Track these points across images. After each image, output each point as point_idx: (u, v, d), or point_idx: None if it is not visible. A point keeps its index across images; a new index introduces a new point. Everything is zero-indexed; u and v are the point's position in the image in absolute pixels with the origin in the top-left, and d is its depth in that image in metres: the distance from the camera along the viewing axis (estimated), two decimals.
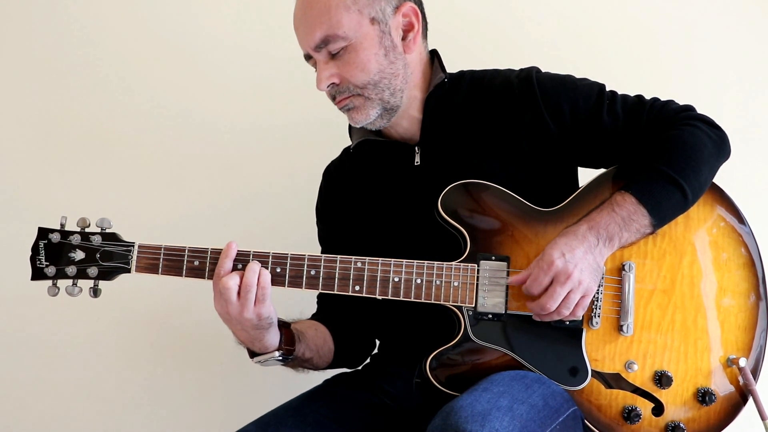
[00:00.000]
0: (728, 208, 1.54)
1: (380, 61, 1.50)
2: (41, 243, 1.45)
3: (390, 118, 1.56)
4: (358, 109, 1.53)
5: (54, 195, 2.15)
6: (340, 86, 1.51)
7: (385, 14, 1.50)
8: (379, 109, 1.53)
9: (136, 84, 2.18)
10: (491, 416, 1.26)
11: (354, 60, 1.49)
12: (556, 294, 1.40)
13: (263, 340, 1.46)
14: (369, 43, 1.49)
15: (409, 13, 1.53)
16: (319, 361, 1.62)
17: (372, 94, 1.51)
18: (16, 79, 2.20)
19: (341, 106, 1.54)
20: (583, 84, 1.55)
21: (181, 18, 2.18)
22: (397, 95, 1.54)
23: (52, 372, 2.17)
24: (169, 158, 2.17)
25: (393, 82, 1.52)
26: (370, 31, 1.49)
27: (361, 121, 1.54)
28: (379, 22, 1.50)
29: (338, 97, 1.53)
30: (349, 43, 1.48)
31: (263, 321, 1.43)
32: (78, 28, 2.19)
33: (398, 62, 1.53)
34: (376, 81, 1.51)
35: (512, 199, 1.50)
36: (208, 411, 2.18)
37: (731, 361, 1.50)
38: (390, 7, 1.51)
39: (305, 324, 1.62)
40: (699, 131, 1.48)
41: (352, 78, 1.50)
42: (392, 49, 1.52)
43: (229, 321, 1.44)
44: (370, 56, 1.49)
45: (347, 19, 1.47)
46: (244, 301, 1.40)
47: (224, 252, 1.43)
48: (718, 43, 2.06)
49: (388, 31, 1.51)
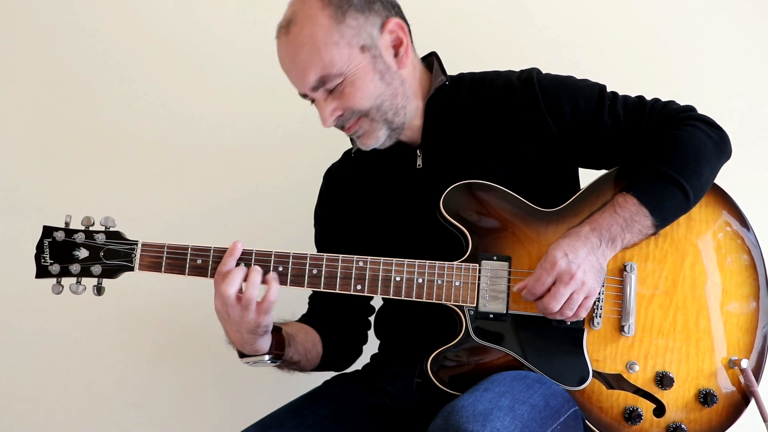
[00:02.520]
0: (730, 210, 1.53)
1: (378, 86, 1.49)
2: (46, 241, 1.46)
3: (397, 137, 1.56)
4: (367, 133, 1.52)
5: (58, 193, 2.16)
6: (344, 115, 1.51)
7: (373, 38, 1.49)
8: (386, 130, 1.53)
9: (140, 83, 2.18)
10: (492, 416, 1.26)
11: (352, 91, 1.48)
12: (559, 294, 1.39)
13: (255, 344, 1.46)
14: (363, 71, 1.48)
15: (395, 29, 1.51)
16: (306, 364, 1.62)
17: (377, 117, 1.51)
18: (19, 77, 2.21)
19: (351, 133, 1.54)
20: (584, 85, 1.55)
21: (183, 17, 2.18)
22: (401, 113, 1.54)
23: (56, 370, 2.17)
24: (173, 157, 2.18)
25: (394, 102, 1.52)
26: (362, 61, 1.48)
27: (371, 146, 1.54)
28: (370, 48, 1.48)
29: (346, 125, 1.52)
30: (344, 77, 1.47)
31: (261, 329, 1.43)
32: (80, 27, 2.19)
33: (395, 81, 1.52)
34: (378, 105, 1.50)
35: (514, 200, 1.51)
36: (209, 411, 2.18)
37: (733, 362, 1.49)
38: (376, 29, 1.49)
39: (295, 327, 1.62)
40: (700, 132, 1.48)
41: (355, 107, 1.49)
42: (387, 71, 1.51)
43: (226, 321, 1.45)
44: (367, 84, 1.48)
45: (338, 55, 1.45)
46: (246, 309, 1.41)
47: (229, 251, 1.44)
48: (719, 43, 2.05)
49: (379, 54, 1.50)
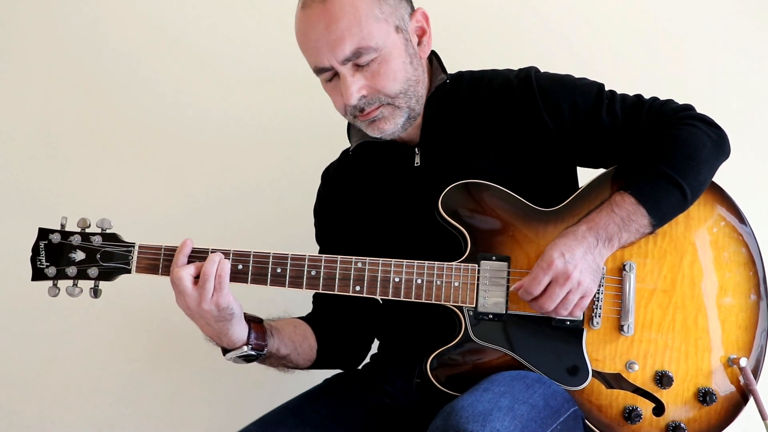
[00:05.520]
0: (729, 208, 1.54)
1: (407, 69, 1.49)
2: (42, 243, 1.45)
3: (411, 125, 1.55)
4: (386, 119, 1.50)
5: (54, 195, 2.15)
6: (368, 97, 1.48)
7: (405, 21, 1.50)
8: (406, 116, 1.52)
9: (137, 84, 2.17)
10: (492, 416, 1.26)
11: (385, 70, 1.46)
12: (554, 295, 1.40)
13: (229, 334, 1.45)
14: (398, 52, 1.48)
15: (421, 18, 1.53)
16: (299, 359, 1.60)
17: (402, 103, 1.50)
18: (16, 78, 2.19)
19: (369, 117, 1.50)
20: (582, 83, 1.55)
21: (182, 16, 2.18)
22: (420, 101, 1.54)
23: (52, 372, 2.17)
24: (170, 159, 2.17)
25: (417, 88, 1.52)
26: (397, 40, 1.48)
27: (389, 131, 1.51)
28: (403, 30, 1.49)
29: (367, 108, 1.49)
30: (379, 53, 1.46)
31: (223, 312, 1.41)
32: (79, 27, 2.18)
33: (419, 69, 1.52)
34: (405, 89, 1.49)
35: (512, 199, 1.50)
36: (208, 411, 2.18)
37: (732, 360, 1.49)
38: (407, 14, 1.51)
39: (284, 321, 1.61)
40: (698, 130, 1.48)
41: (384, 88, 1.47)
42: (414, 56, 1.51)
43: (191, 315, 1.43)
44: (399, 65, 1.48)
45: (377, 29, 1.45)
46: (201, 291, 1.39)
47: (179, 249, 1.43)
48: (718, 42, 2.05)
49: (409, 38, 1.51)
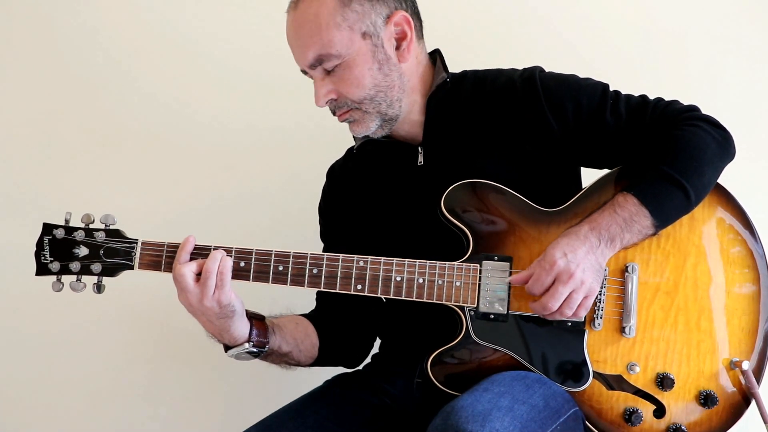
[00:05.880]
0: (733, 210, 1.53)
1: (375, 76, 1.50)
2: (46, 239, 1.46)
3: (390, 127, 1.57)
4: (357, 122, 1.54)
5: (58, 191, 2.15)
6: (338, 101, 1.52)
7: (376, 27, 1.49)
8: (378, 121, 1.54)
9: (140, 81, 2.18)
10: (492, 416, 1.26)
11: (348, 77, 1.49)
12: (558, 293, 1.39)
13: (230, 331, 1.45)
14: (362, 58, 1.49)
15: (401, 22, 1.52)
16: (301, 356, 1.61)
17: (369, 108, 1.52)
18: (19, 75, 2.20)
19: (341, 120, 1.55)
20: (587, 84, 1.55)
21: (184, 16, 2.18)
22: (395, 106, 1.54)
23: (55, 368, 2.17)
24: (174, 156, 2.17)
25: (389, 94, 1.52)
26: (362, 47, 1.49)
27: (362, 133, 1.56)
28: (371, 35, 1.49)
29: (338, 111, 1.54)
30: (342, 60, 1.48)
31: (225, 309, 1.42)
32: (79, 26, 2.19)
33: (393, 73, 1.52)
34: (372, 95, 1.51)
35: (515, 199, 1.50)
36: (209, 412, 2.18)
37: (734, 363, 1.49)
38: (381, 18, 1.50)
39: (285, 318, 1.62)
40: (703, 132, 1.47)
41: (348, 94, 1.50)
42: (386, 62, 1.51)
43: (193, 312, 1.44)
44: (364, 72, 1.49)
45: (338, 37, 1.46)
46: (203, 288, 1.40)
47: (182, 246, 1.44)
48: (723, 43, 2.04)
49: (380, 43, 1.50)
